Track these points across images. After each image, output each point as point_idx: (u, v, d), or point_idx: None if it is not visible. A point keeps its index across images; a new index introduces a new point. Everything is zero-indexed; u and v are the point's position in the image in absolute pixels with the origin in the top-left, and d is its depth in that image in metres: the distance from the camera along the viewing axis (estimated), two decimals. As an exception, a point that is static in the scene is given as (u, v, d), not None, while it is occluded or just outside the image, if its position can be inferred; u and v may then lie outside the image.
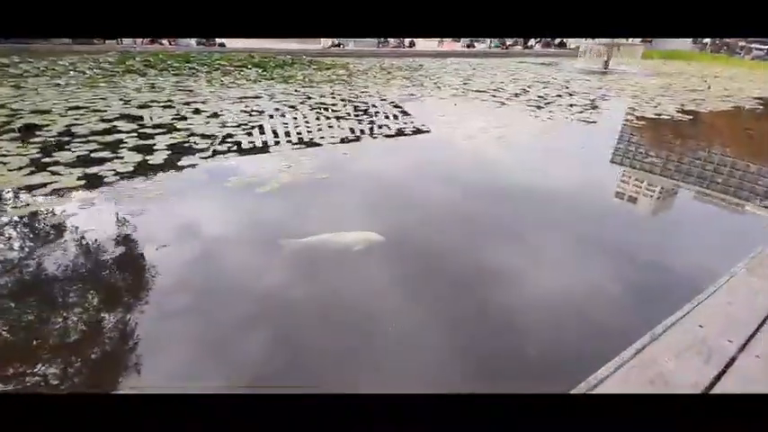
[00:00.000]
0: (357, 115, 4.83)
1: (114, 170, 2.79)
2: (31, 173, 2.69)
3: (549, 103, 6.28)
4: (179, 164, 2.98)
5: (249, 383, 1.24)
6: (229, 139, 3.58)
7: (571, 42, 18.84)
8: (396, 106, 5.52)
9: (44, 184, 2.54)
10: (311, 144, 3.65)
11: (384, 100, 5.87)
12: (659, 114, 5.72)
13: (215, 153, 3.23)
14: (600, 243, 2.22)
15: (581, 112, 5.59)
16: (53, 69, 7.01)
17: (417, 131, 4.29)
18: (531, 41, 20.42)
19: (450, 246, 2.11)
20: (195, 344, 1.42)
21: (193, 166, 2.97)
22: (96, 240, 1.97)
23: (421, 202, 2.66)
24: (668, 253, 2.13)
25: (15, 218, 2.19)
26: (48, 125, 3.74)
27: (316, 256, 1.96)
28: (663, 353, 1.13)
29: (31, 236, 2.08)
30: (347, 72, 9.00)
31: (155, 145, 3.33)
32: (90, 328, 1.45)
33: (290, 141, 3.70)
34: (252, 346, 1.40)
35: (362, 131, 4.14)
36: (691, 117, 5.71)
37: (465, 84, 7.99)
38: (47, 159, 2.92)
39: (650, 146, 4.37)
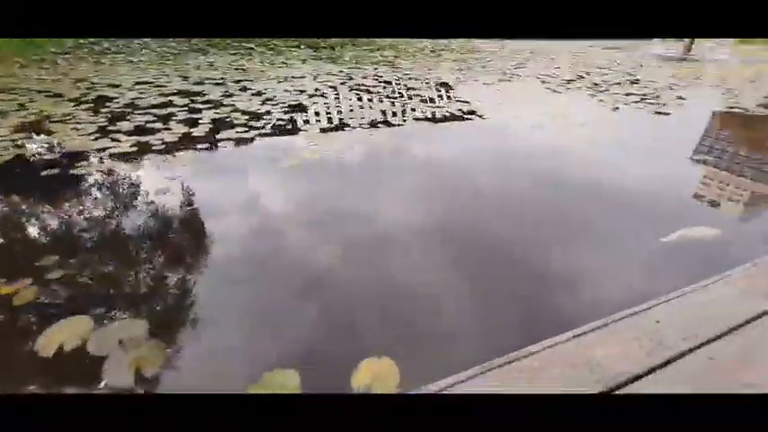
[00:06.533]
0: (390, 97, 4.87)
1: (162, 139, 3.14)
2: (96, 138, 3.11)
3: (603, 90, 5.83)
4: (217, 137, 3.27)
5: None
6: (267, 116, 3.83)
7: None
8: (437, 89, 5.46)
9: (105, 148, 2.94)
10: (338, 127, 3.78)
11: (426, 83, 5.82)
12: (732, 107, 5.10)
13: (250, 129, 3.49)
14: (669, 246, 2.04)
15: (638, 102, 5.15)
16: (129, 48, 7.78)
17: (456, 117, 4.24)
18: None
19: (507, 239, 2.09)
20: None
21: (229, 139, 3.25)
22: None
23: (474, 191, 2.64)
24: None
25: (76, 173, 2.57)
26: (117, 97, 4.24)
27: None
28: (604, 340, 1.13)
29: (85, 191, 2.44)
30: (396, 53, 8.96)
31: (200, 119, 3.66)
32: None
33: (319, 122, 3.86)
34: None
35: (394, 114, 4.19)
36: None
37: (517, 68, 7.64)
38: (111, 127, 3.35)
39: (740, 144, 3.88)
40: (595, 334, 1.23)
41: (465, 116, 4.23)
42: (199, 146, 3.08)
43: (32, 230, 2.00)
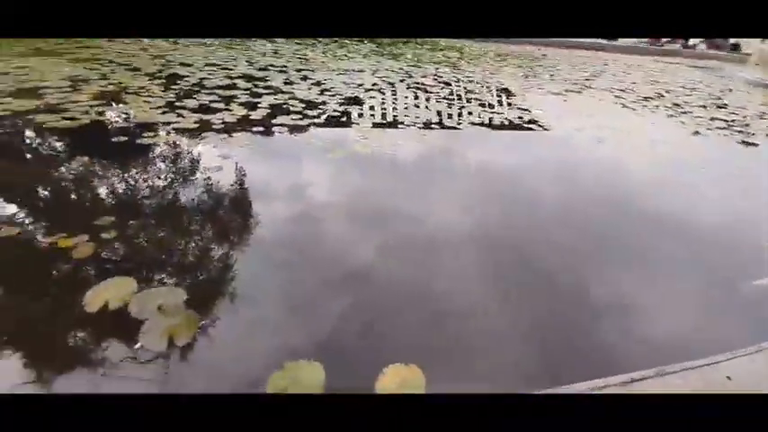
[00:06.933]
0: (448, 99, 4.75)
1: (222, 119, 3.26)
2: (164, 113, 3.29)
3: (685, 112, 5.32)
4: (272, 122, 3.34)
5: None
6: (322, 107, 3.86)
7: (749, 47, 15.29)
8: (497, 94, 5.25)
9: (170, 122, 3.10)
10: (392, 124, 3.73)
11: (487, 87, 5.62)
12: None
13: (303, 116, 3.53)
14: (731, 297, 1.79)
15: (723, 128, 4.64)
16: (206, 30, 8.24)
17: (515, 125, 4.06)
18: (693, 40, 16.78)
19: (564, 258, 1.91)
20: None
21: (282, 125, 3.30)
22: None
23: (528, 202, 2.53)
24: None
25: (141, 143, 2.72)
26: (187, 76, 4.48)
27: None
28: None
29: (146, 159, 2.57)
30: (459, 55, 8.77)
31: (259, 103, 3.77)
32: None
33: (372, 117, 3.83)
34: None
35: (450, 116, 4.07)
36: None
37: (587, 80, 7.18)
38: (178, 103, 3.53)
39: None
40: (652, 381, 1.08)
41: (525, 125, 4.02)
42: (255, 129, 3.16)
43: (95, 191, 2.13)
